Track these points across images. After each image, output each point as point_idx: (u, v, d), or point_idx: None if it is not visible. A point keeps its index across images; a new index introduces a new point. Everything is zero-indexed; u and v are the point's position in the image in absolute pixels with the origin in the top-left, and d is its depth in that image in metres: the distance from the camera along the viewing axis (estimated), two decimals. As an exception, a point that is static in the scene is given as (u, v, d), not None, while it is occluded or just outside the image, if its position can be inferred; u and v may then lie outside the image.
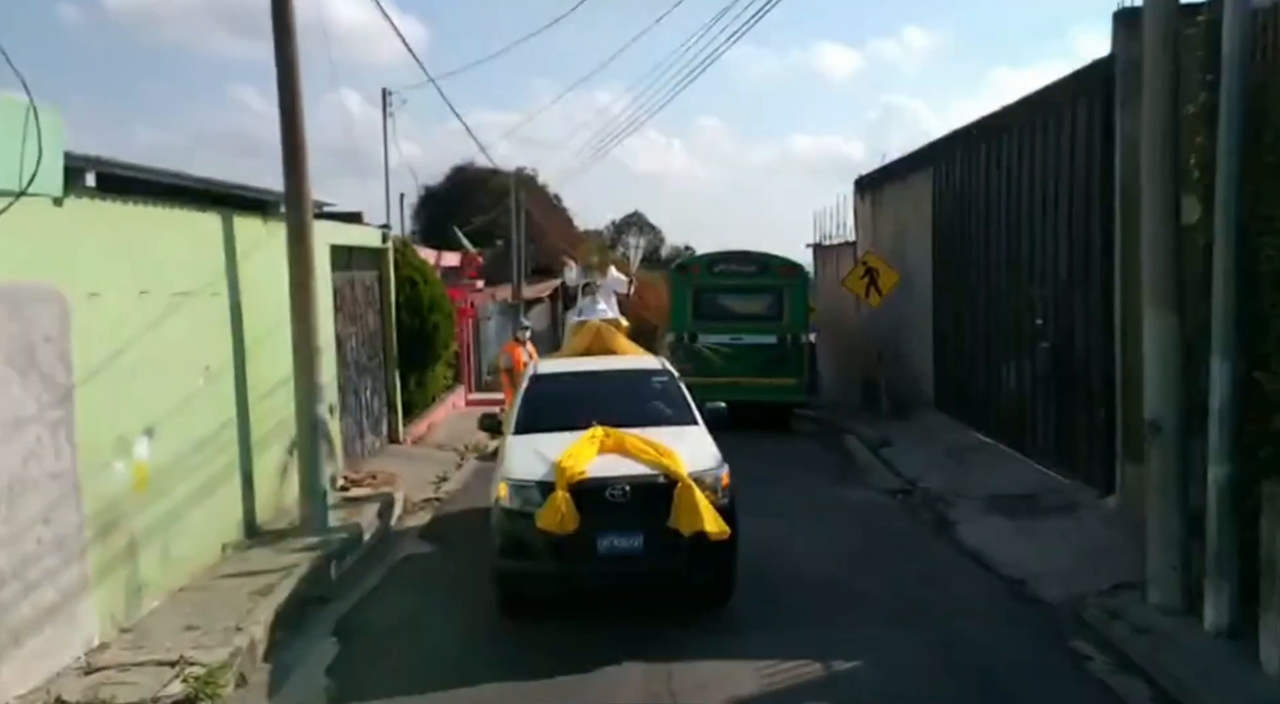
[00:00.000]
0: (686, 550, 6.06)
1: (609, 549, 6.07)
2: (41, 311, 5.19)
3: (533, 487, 6.18)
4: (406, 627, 6.39)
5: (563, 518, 5.90)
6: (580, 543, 5.98)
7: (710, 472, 6.35)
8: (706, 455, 6.62)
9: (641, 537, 6.10)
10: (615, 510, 6.10)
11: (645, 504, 6.10)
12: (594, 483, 6.11)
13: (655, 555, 6.13)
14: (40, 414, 5.14)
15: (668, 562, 6.17)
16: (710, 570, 6.33)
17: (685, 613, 6.40)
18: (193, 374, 7.04)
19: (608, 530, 6.06)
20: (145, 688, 4.93)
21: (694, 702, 5.14)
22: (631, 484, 6.14)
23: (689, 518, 6.00)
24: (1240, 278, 5.30)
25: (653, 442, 6.49)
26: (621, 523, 6.11)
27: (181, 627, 5.84)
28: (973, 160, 11.87)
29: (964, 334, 12.35)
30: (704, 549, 6.06)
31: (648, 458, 6.31)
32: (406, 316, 13.13)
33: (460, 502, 9.98)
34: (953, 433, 12.10)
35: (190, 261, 7.11)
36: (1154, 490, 5.98)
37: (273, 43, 7.81)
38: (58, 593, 5.18)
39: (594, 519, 6.00)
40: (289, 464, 8.67)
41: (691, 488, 6.07)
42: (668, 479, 6.14)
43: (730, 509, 6.28)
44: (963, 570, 7.47)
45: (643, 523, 6.09)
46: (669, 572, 6.32)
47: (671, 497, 6.06)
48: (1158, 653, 5.35)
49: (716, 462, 6.54)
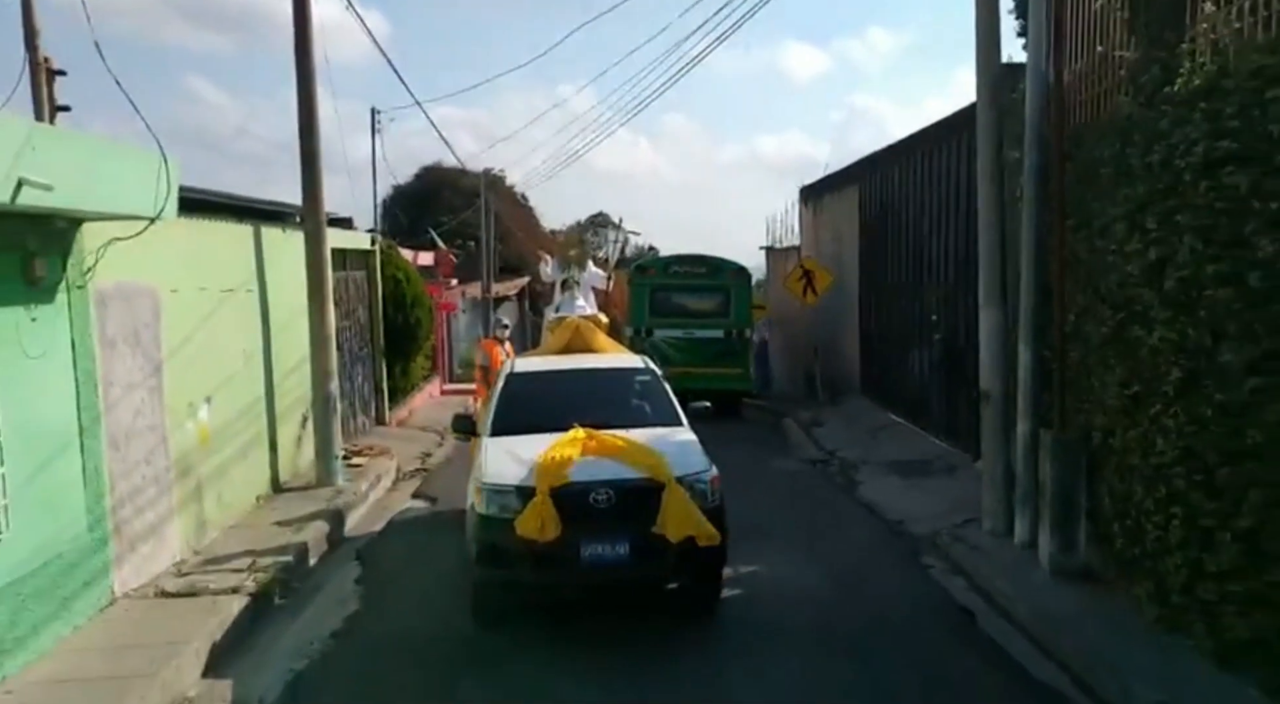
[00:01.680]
0: (675, 557, 5.85)
1: (593, 557, 5.81)
2: (143, 303, 6.98)
3: (511, 491, 5.95)
4: (411, 555, 8.23)
5: (544, 524, 5.71)
6: (563, 551, 5.75)
7: (698, 474, 6.14)
8: (693, 457, 6.38)
9: (627, 544, 5.83)
10: (599, 516, 5.85)
11: (631, 509, 5.86)
12: (577, 487, 5.86)
13: (642, 563, 5.88)
14: (143, 381, 6.93)
15: (655, 569, 5.97)
16: (699, 578, 6.18)
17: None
18: (235, 356, 8.82)
19: (592, 537, 5.81)
20: (227, 583, 6.74)
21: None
22: (616, 488, 5.88)
23: (677, 523, 5.80)
24: (1038, 287, 7.33)
25: (637, 443, 6.30)
26: (606, 529, 5.85)
27: (239, 551, 7.64)
28: (889, 178, 13.98)
29: (883, 329, 14.47)
30: (692, 556, 5.87)
31: (633, 460, 6.08)
32: (392, 311, 14.92)
33: (444, 472, 11.82)
34: (873, 415, 14.20)
35: (231, 264, 8.90)
36: (986, 445, 8.05)
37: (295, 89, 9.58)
38: (155, 516, 6.97)
39: (577, 525, 5.77)
40: (303, 435, 10.48)
41: (679, 492, 5.88)
42: (654, 483, 5.91)
43: (719, 513, 6.08)
44: (857, 516, 9.49)
45: (628, 529, 5.84)
46: (656, 580, 6.15)
47: (658, 501, 5.85)
48: (977, 561, 7.38)
49: (705, 464, 6.31)
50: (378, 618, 6.64)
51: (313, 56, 9.58)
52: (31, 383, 5.51)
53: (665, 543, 5.82)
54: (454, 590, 6.77)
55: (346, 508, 9.31)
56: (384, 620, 6.59)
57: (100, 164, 5.37)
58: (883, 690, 5.33)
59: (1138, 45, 5.80)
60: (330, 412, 9.94)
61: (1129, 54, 5.89)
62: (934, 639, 6.11)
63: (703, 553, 5.89)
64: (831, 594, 6.97)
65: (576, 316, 10.14)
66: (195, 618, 6.07)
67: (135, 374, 6.82)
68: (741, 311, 16.45)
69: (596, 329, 9.57)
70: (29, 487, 5.43)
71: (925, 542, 8.23)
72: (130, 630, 5.90)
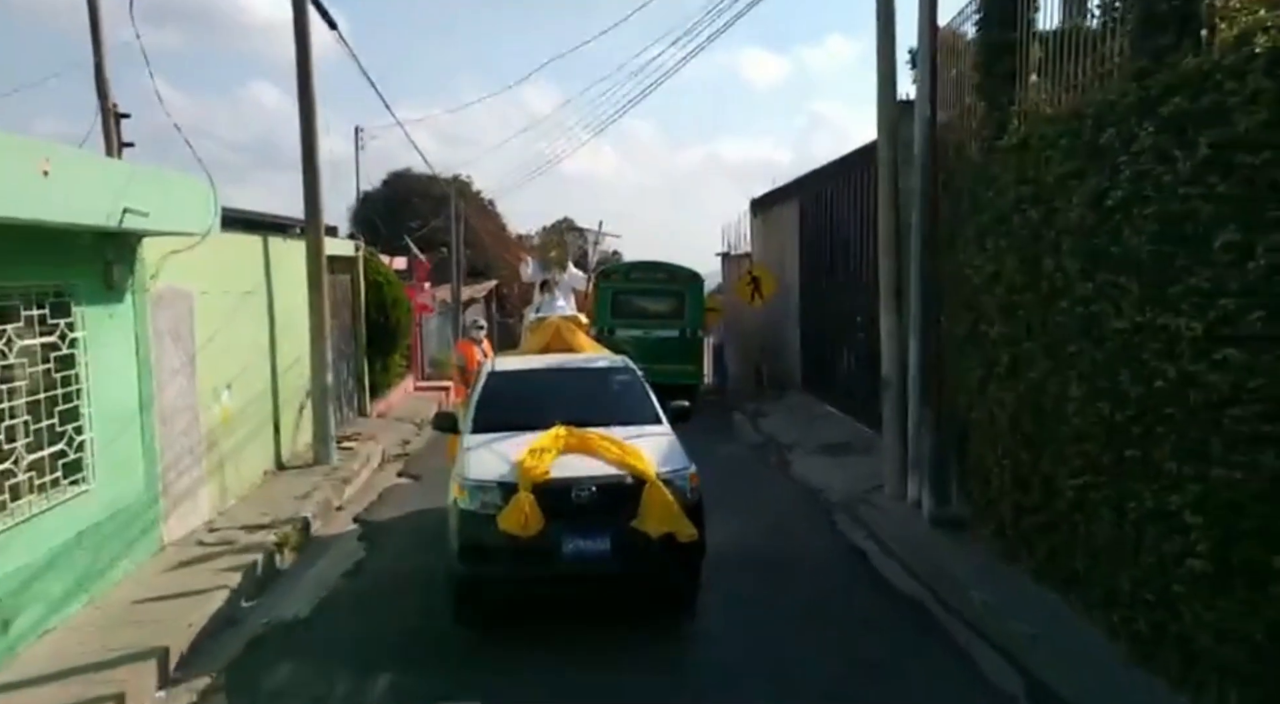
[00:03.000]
0: (655, 553, 5.99)
1: (575, 552, 5.93)
2: (183, 304, 8.41)
3: (494, 487, 6.05)
4: (401, 520, 9.69)
5: (526, 519, 5.82)
6: (545, 546, 5.88)
7: (679, 472, 6.28)
8: (673, 455, 6.54)
9: (609, 539, 5.95)
10: (581, 512, 5.97)
11: (612, 505, 5.99)
12: (559, 483, 5.99)
13: (623, 558, 5.98)
14: (182, 368, 8.35)
15: (636, 565, 6.06)
16: (678, 573, 6.31)
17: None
18: (249, 350, 10.24)
19: (573, 533, 5.94)
20: (253, 537, 8.18)
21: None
22: (598, 485, 6.02)
23: (657, 520, 5.94)
24: (923, 296, 9.00)
25: (618, 441, 6.42)
26: (588, 525, 5.97)
27: (257, 514, 9.06)
28: (822, 195, 15.72)
29: (819, 330, 16.20)
30: (672, 551, 6.02)
31: (614, 457, 6.22)
32: (374, 313, 16.32)
33: (424, 456, 13.27)
34: (810, 406, 15.92)
35: (246, 270, 10.32)
36: (886, 424, 9.74)
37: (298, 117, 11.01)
38: (191, 482, 8.40)
39: (559, 521, 5.90)
40: (300, 420, 11.89)
41: (660, 489, 6.00)
42: (635, 480, 6.04)
43: (699, 510, 6.24)
44: (787, 488, 11.15)
45: (609, 525, 5.96)
46: (637, 575, 6.25)
47: (639, 497, 5.98)
48: (875, 517, 9.07)
49: (685, 462, 6.46)
50: (380, 563, 8.14)
51: (314, 93, 11.02)
52: (109, 368, 6.93)
53: (645, 539, 5.94)
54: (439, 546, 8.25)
55: (343, 482, 10.75)
56: (385, 564, 8.08)
57: (171, 192, 6.84)
58: (793, 602, 6.94)
59: (983, 106, 7.51)
60: (327, 399, 11.39)
61: (978, 112, 7.60)
62: (833, 570, 7.79)
63: (682, 549, 6.04)
64: (761, 542, 8.57)
65: (557, 317, 10.07)
66: (232, 560, 7.53)
67: (176, 362, 8.24)
68: (694, 314, 18.10)
69: (577, 329, 9.66)
70: (106, 451, 6.85)
71: (838, 505, 9.90)
72: (180, 569, 7.33)
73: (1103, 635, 5.56)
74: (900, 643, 6.19)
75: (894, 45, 9.35)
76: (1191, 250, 4.50)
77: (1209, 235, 4.34)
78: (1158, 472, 4.90)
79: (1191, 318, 4.50)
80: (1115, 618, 5.43)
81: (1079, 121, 5.62)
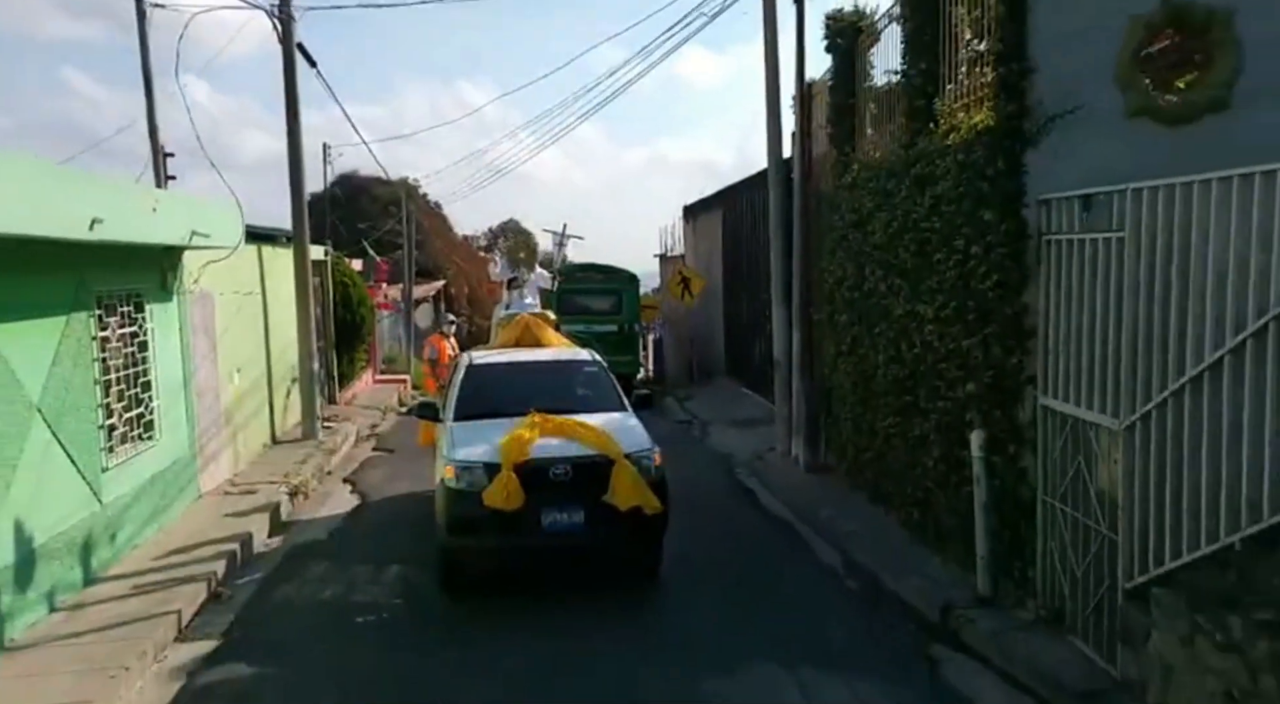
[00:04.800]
0: (623, 524, 6.75)
1: (552, 524, 6.71)
2: (208, 303, 10.60)
3: (479, 467, 6.77)
4: (384, 480, 11.97)
5: (509, 495, 6.55)
6: (526, 518, 6.62)
7: (644, 452, 7.08)
8: (639, 437, 7.32)
9: (582, 512, 6.71)
10: (558, 488, 6.72)
11: (585, 482, 6.73)
12: (538, 463, 6.74)
13: (595, 530, 6.75)
14: (208, 354, 10.54)
15: (606, 535, 6.84)
16: (644, 543, 7.10)
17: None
18: (250, 342, 12.41)
19: (551, 507, 6.70)
20: (270, 489, 10.41)
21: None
22: (573, 464, 6.77)
23: (625, 494, 6.69)
24: (801, 293, 11.61)
25: (589, 425, 7.16)
26: (564, 500, 6.72)
27: (266, 474, 11.27)
28: (738, 206, 18.34)
29: (738, 324, 18.82)
30: (639, 523, 6.78)
31: (586, 439, 6.96)
32: (341, 311, 18.44)
33: (393, 435, 15.53)
34: (731, 390, 18.55)
35: (247, 274, 12.47)
36: (777, 395, 12.33)
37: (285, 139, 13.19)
38: (216, 446, 10.59)
39: (538, 496, 6.64)
40: (287, 403, 14.06)
41: (628, 467, 6.77)
42: (605, 459, 6.79)
43: (663, 485, 7.04)
44: (704, 452, 13.69)
45: (583, 499, 6.72)
46: (607, 545, 7.06)
47: (608, 475, 6.73)
48: (765, 469, 11.65)
49: (649, 443, 7.26)
50: (374, 510, 10.44)
51: (299, 118, 13.20)
52: (165, 351, 9.12)
53: (615, 512, 6.70)
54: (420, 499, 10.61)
55: (329, 453, 12.98)
56: (378, 511, 10.39)
57: (215, 215, 9.07)
58: (700, 524, 9.37)
59: (833, 151, 10.12)
60: (314, 383, 13.59)
61: (831, 156, 10.21)
62: (731, 504, 10.35)
63: (648, 521, 6.82)
64: (681, 489, 10.83)
65: (527, 313, 10.76)
66: (258, 501, 9.77)
67: (204, 349, 10.43)
68: (630, 310, 20.59)
69: (545, 325, 10.41)
70: (166, 415, 9.05)
71: (740, 463, 12.47)
72: (217, 510, 9.55)
73: (898, 527, 8.19)
74: (769, 543, 8.76)
75: (779, 94, 11.92)
76: (928, 263, 7.11)
77: (934, 253, 6.95)
78: (919, 410, 7.51)
79: (928, 306, 7.11)
80: (903, 514, 8.05)
81: (879, 172, 8.23)
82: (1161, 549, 4.62)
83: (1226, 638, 3.94)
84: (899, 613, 6.77)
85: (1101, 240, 5.08)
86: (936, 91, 7.08)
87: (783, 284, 12.15)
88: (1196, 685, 4.15)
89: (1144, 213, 4.70)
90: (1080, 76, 5.66)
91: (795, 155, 11.47)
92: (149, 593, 7.06)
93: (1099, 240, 5.11)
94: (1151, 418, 4.68)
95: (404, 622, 6.82)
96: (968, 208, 6.27)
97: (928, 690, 5.61)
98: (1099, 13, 5.65)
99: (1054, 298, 5.60)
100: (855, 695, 5.57)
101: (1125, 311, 4.84)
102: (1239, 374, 4.09)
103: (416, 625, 6.74)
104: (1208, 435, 4.29)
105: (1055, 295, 5.59)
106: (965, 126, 6.34)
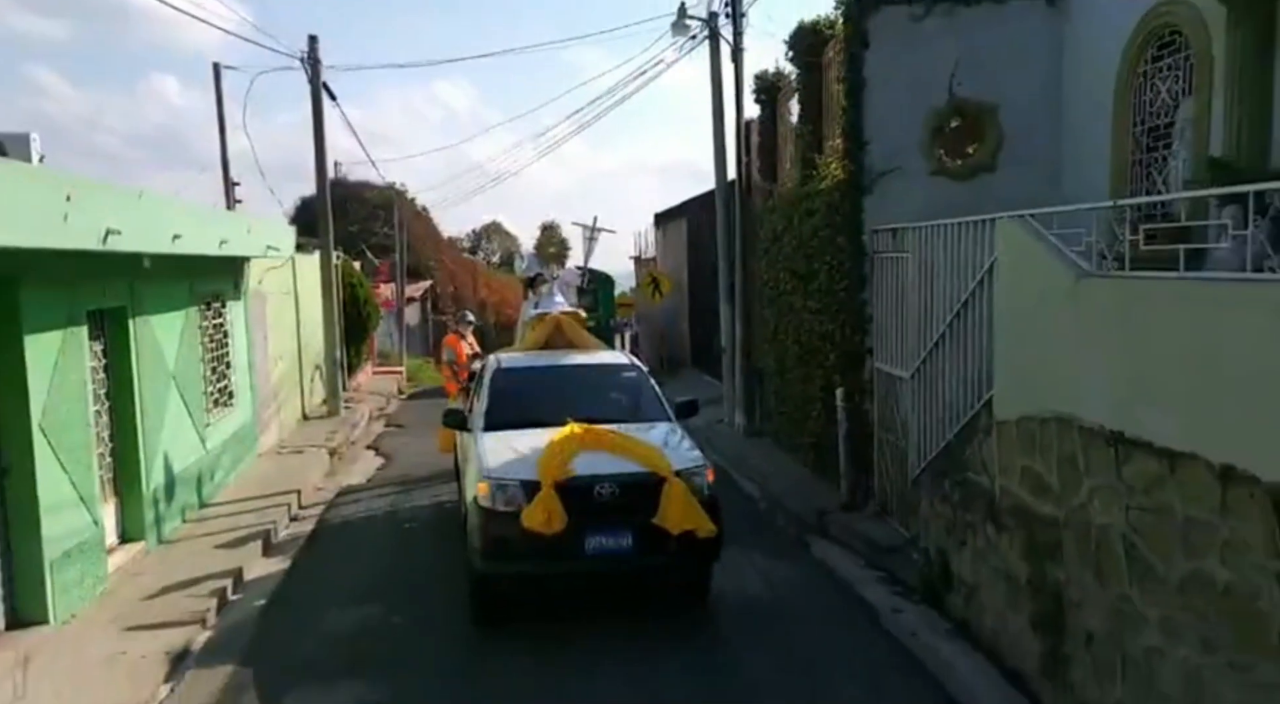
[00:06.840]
0: (675, 548, 6.20)
1: (597, 548, 6.14)
2: (261, 302, 13.38)
3: (515, 485, 6.20)
4: (402, 446, 14.77)
5: (550, 517, 6.00)
6: (568, 542, 6.05)
7: (695, 469, 6.53)
8: (688, 451, 6.80)
9: (630, 535, 6.16)
10: (603, 509, 6.16)
11: (633, 502, 6.18)
12: (581, 481, 6.18)
13: (644, 554, 6.21)
14: (261, 342, 13.33)
15: (656, 560, 6.31)
16: (696, 568, 6.60)
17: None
18: (287, 333, 15.19)
19: (596, 529, 6.13)
20: (314, 450, 13.19)
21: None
22: (619, 482, 6.20)
23: (678, 517, 6.17)
24: (743, 292, 14.52)
25: (633, 438, 6.60)
26: (610, 522, 6.16)
27: (305, 440, 14.05)
28: (701, 216, 21.26)
29: (700, 320, 21.76)
30: (691, 546, 6.25)
31: (632, 455, 6.39)
32: (348, 308, 21.16)
33: (401, 415, 18.37)
34: (695, 376, 21.51)
35: (284, 277, 15.25)
36: (724, 377, 15.25)
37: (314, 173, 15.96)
38: (268, 415, 13.39)
39: (581, 518, 6.08)
40: (312, 386, 16.86)
41: (680, 486, 6.22)
42: (655, 476, 6.23)
43: (715, 505, 6.44)
44: (665, 427, 16.59)
45: (631, 521, 6.16)
46: (657, 570, 6.54)
47: (658, 494, 6.17)
48: (714, 436, 14.55)
49: (700, 458, 6.72)
50: (397, 467, 13.25)
51: (325, 152, 16.00)
52: (237, 339, 11.90)
53: (666, 534, 6.17)
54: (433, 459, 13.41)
55: (352, 427, 15.78)
56: (400, 468, 13.20)
57: (279, 232, 11.86)
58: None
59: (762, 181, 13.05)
60: (337, 368, 16.39)
61: (761, 184, 13.14)
62: (678, 462, 13.21)
63: (701, 543, 6.29)
64: None
65: (558, 312, 9.95)
66: (306, 460, 12.56)
67: (259, 338, 13.22)
68: (606, 308, 23.48)
69: (578, 325, 9.82)
70: (240, 388, 11.82)
71: (695, 431, 15.34)
72: (276, 465, 12.33)
73: (800, 466, 11.14)
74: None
75: (725, 130, 14.83)
76: (811, 270, 10.04)
77: (814, 264, 9.88)
78: (809, 378, 10.44)
79: (812, 301, 10.04)
80: (803, 456, 11.00)
81: (787, 202, 11.17)
82: (927, 450, 7.56)
83: (943, 496, 6.86)
84: (791, 519, 9.71)
85: (901, 258, 8.02)
86: (819, 148, 10.01)
87: (728, 285, 15.08)
88: (938, 529, 7.07)
89: (919, 242, 7.63)
90: (899, 146, 8.57)
91: (738, 180, 14.41)
92: (249, 513, 9.86)
93: (900, 258, 8.05)
94: (921, 370, 7.63)
95: (433, 522, 9.73)
96: (829, 234, 9.21)
97: (800, 558, 8.52)
98: (911, 105, 8.57)
99: (879, 295, 8.55)
100: (751, 563, 8.46)
101: (909, 303, 7.79)
102: (951, 340, 7.05)
103: (446, 524, 9.60)
104: (941, 377, 7.24)
105: (880, 294, 8.53)
106: (830, 177, 9.27)
